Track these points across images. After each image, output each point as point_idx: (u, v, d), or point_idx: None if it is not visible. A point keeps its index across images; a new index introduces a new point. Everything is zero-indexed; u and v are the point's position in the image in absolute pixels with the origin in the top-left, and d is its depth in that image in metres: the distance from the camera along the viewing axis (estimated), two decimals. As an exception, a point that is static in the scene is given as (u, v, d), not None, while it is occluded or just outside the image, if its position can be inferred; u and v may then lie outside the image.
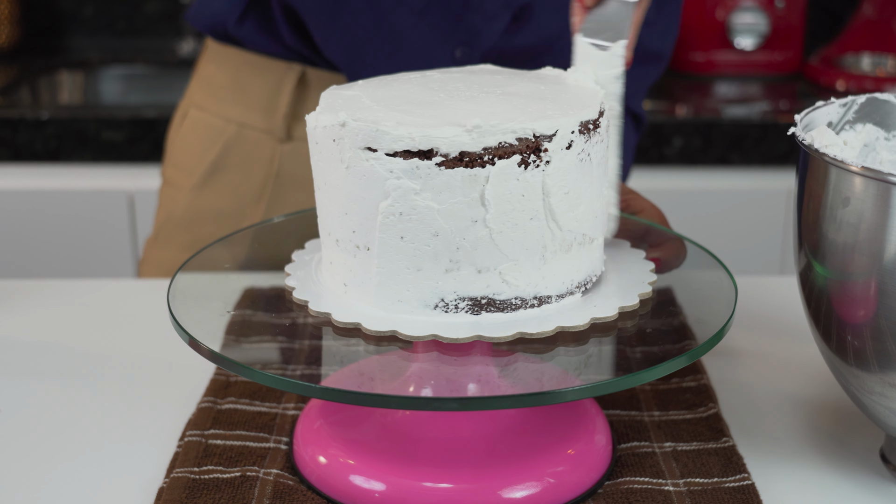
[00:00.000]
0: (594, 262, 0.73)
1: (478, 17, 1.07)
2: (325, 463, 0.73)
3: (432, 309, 0.69)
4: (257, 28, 1.13)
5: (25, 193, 1.87)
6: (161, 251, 1.23)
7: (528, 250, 0.68)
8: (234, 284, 0.92)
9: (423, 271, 0.68)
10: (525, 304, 0.69)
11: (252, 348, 0.85)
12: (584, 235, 0.70)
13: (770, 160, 1.87)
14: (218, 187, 1.18)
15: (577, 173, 0.68)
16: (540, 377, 0.74)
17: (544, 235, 0.68)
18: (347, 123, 0.67)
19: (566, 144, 0.67)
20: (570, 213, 0.69)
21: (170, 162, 1.25)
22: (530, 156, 0.66)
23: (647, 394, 0.84)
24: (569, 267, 0.70)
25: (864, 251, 0.66)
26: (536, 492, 0.71)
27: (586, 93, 0.72)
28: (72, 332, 0.97)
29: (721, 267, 0.79)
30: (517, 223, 0.67)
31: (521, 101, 0.70)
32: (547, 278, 0.70)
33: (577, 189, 0.68)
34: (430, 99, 0.70)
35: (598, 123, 0.69)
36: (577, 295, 0.72)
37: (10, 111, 1.85)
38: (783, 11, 2.15)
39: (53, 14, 2.37)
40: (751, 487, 0.73)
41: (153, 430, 0.81)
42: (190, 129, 1.22)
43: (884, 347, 0.67)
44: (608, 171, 0.74)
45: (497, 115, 0.66)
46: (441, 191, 0.65)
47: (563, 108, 0.69)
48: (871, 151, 0.77)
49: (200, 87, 1.22)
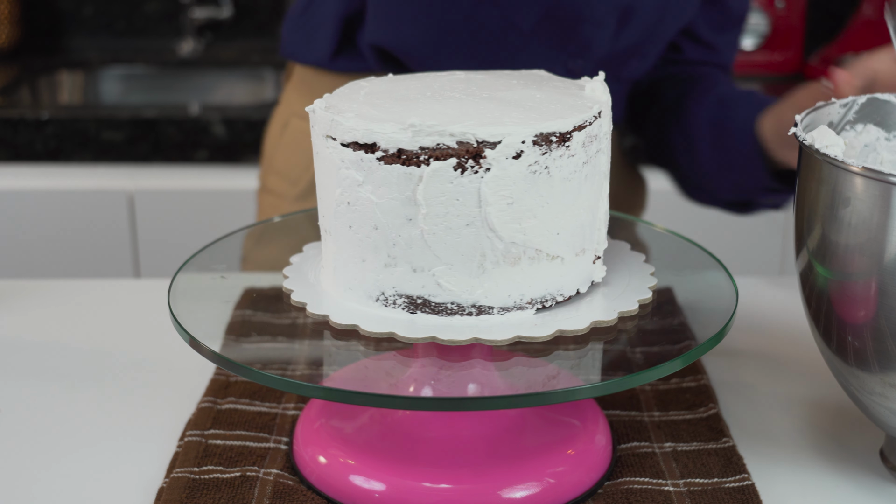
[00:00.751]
0: (558, 280, 0.70)
1: (589, 26, 1.04)
2: (325, 463, 0.73)
3: (374, 301, 0.70)
4: (352, 60, 1.12)
5: (25, 193, 1.87)
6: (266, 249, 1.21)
7: (464, 256, 0.67)
8: (234, 284, 0.92)
9: (366, 262, 0.69)
10: (462, 311, 0.68)
11: (252, 348, 0.85)
12: (537, 251, 0.68)
13: (770, 160, 1.86)
14: None
15: (527, 185, 0.66)
16: (540, 377, 0.74)
17: (482, 244, 0.67)
18: (317, 111, 0.69)
19: (513, 154, 0.65)
20: (515, 225, 0.66)
21: (271, 169, 1.24)
22: (468, 161, 0.65)
23: (648, 394, 0.84)
24: (517, 280, 0.68)
25: (864, 251, 0.66)
26: (536, 492, 0.71)
27: (580, 106, 0.69)
28: (72, 332, 0.97)
29: (721, 267, 0.79)
30: (451, 227, 0.66)
31: (496, 105, 0.69)
32: (487, 288, 0.68)
33: (525, 201, 0.66)
34: (413, 97, 0.71)
35: (567, 137, 0.66)
36: (529, 311, 0.69)
37: (10, 111, 1.85)
38: (783, 12, 2.15)
39: (53, 14, 2.37)
40: (751, 488, 0.73)
41: (153, 430, 0.81)
42: (292, 138, 1.21)
43: (884, 348, 0.67)
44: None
45: (444, 117, 0.66)
46: (380, 185, 0.66)
47: (531, 117, 0.66)
48: (871, 152, 0.77)
49: (300, 96, 1.20)
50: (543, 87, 0.73)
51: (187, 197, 1.88)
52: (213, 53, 2.35)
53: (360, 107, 0.69)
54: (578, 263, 0.71)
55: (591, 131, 0.68)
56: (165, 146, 1.85)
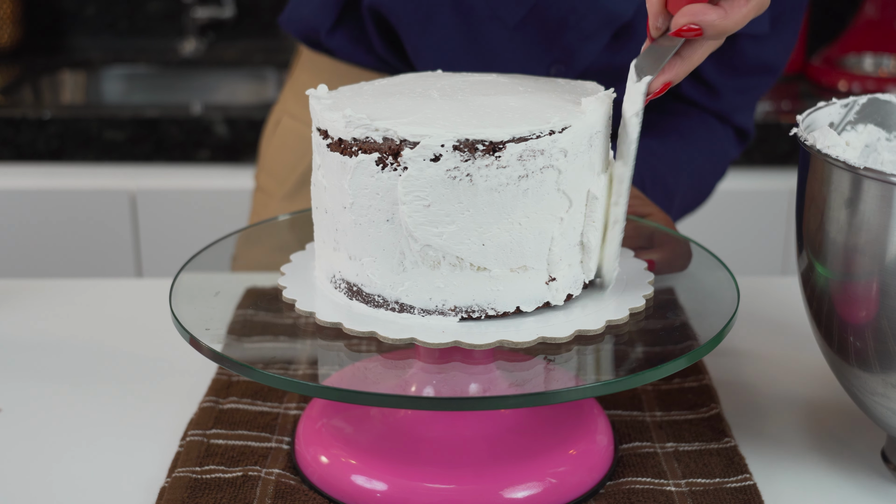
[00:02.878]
0: (488, 293, 0.68)
1: (574, 35, 1.03)
2: (326, 463, 0.73)
3: (328, 282, 0.72)
4: (349, 39, 1.11)
5: (27, 193, 1.87)
6: (255, 248, 1.22)
7: (385, 251, 0.68)
8: (235, 284, 0.92)
9: (325, 244, 0.72)
10: (387, 305, 0.69)
11: (254, 348, 0.85)
12: (458, 258, 0.67)
13: (772, 161, 1.86)
14: (308, 198, 1.17)
15: (445, 190, 0.65)
16: (540, 375, 0.74)
17: (400, 241, 0.67)
18: (310, 100, 0.72)
19: (431, 156, 0.65)
20: (432, 229, 0.66)
21: (263, 168, 1.24)
22: (388, 157, 0.66)
23: (649, 394, 0.84)
24: (438, 284, 0.68)
25: (865, 252, 0.66)
26: (538, 492, 0.71)
27: (540, 119, 0.67)
28: (74, 332, 0.97)
29: (723, 267, 0.79)
30: (374, 220, 0.67)
31: (461, 108, 0.68)
32: (408, 287, 0.68)
33: (443, 206, 0.66)
34: (400, 92, 0.72)
35: (499, 147, 0.65)
36: (452, 318, 0.68)
37: (13, 111, 1.86)
38: (785, 12, 2.14)
39: (55, 13, 2.37)
40: (752, 488, 0.73)
41: (155, 430, 0.81)
42: (282, 137, 1.21)
43: (885, 348, 0.67)
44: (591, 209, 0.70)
45: (385, 112, 0.67)
46: (327, 171, 0.69)
47: (471, 123, 0.66)
48: (872, 152, 0.77)
49: (294, 95, 1.21)
50: (538, 96, 0.71)
51: (189, 196, 1.88)
52: (215, 53, 2.35)
53: (343, 96, 0.72)
54: (517, 281, 0.68)
55: (536, 146, 0.65)
56: (167, 146, 1.85)
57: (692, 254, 0.82)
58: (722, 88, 1.11)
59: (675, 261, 0.82)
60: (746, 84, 1.12)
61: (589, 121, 0.68)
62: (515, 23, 1.03)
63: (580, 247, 0.70)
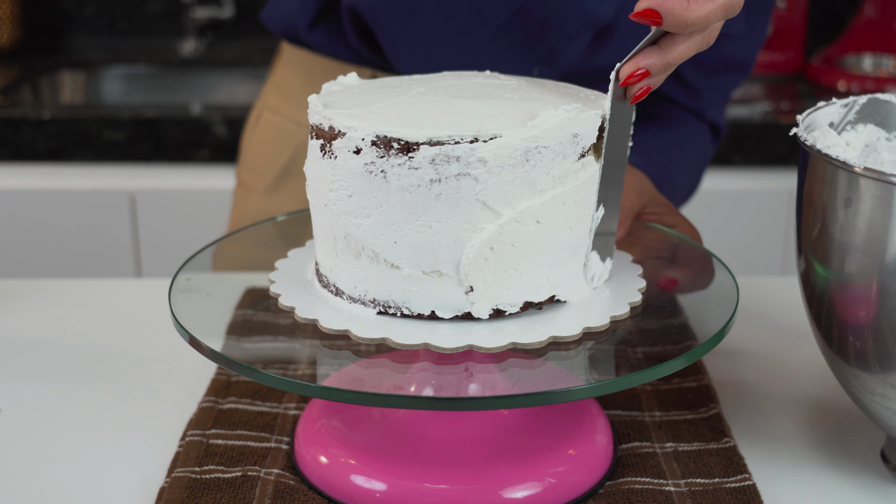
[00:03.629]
0: (401, 292, 0.68)
1: (557, 36, 1.04)
2: (326, 463, 0.73)
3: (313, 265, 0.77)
4: (328, 35, 1.12)
5: (27, 193, 1.87)
6: (235, 246, 1.22)
7: (324, 234, 0.71)
8: (236, 284, 0.92)
9: None
10: (328, 286, 0.73)
11: (253, 348, 0.85)
12: (374, 252, 0.68)
13: (771, 161, 1.87)
14: (288, 191, 1.18)
15: (363, 183, 0.66)
16: (540, 375, 0.74)
17: (333, 227, 0.70)
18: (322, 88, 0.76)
19: (353, 148, 0.66)
20: (352, 219, 0.68)
21: (243, 163, 1.25)
22: (327, 145, 0.68)
23: (649, 394, 0.84)
24: (360, 274, 0.69)
25: (865, 252, 0.66)
26: (537, 492, 0.71)
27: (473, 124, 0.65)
28: (73, 332, 0.97)
29: (722, 267, 0.79)
30: (317, 203, 0.71)
31: (414, 105, 0.69)
32: (339, 273, 0.71)
33: (361, 199, 0.67)
34: (383, 87, 0.74)
35: (412, 148, 0.65)
36: (371, 310, 0.69)
37: (12, 111, 1.86)
38: (784, 12, 2.15)
39: (55, 14, 2.37)
40: (752, 488, 0.73)
41: (154, 430, 0.81)
42: (263, 132, 1.22)
43: (885, 348, 0.67)
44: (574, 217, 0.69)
45: (342, 103, 0.70)
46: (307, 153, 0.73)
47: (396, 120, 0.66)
48: (872, 152, 0.77)
49: (275, 90, 1.22)
50: (512, 104, 0.70)
51: (189, 197, 1.88)
52: (214, 53, 2.35)
53: (349, 90, 0.74)
54: (432, 284, 0.68)
55: (451, 151, 0.64)
56: (167, 146, 1.85)
57: (714, 271, 0.81)
58: (701, 87, 1.12)
59: (697, 280, 0.81)
60: (721, 81, 1.13)
61: (528, 135, 0.65)
62: (500, 23, 1.03)
63: (512, 266, 0.68)
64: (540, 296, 0.70)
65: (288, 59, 1.20)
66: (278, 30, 1.16)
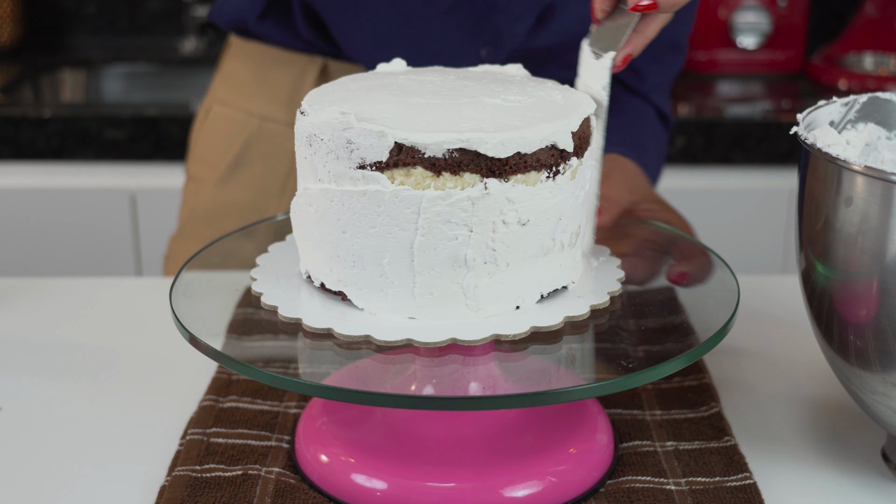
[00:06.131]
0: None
1: (503, 17, 1.06)
2: (326, 461, 0.73)
3: None
4: (278, 26, 1.14)
5: (27, 192, 1.87)
6: (186, 245, 1.23)
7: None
8: (236, 283, 0.92)
9: None
10: (313, 282, 0.75)
11: (254, 346, 0.85)
12: None
13: (772, 159, 1.86)
14: (241, 181, 1.19)
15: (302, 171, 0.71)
16: (541, 375, 0.74)
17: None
18: None
19: (304, 137, 0.70)
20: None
21: (193, 158, 1.26)
22: (305, 137, 0.70)
23: (649, 393, 0.84)
24: None
25: (866, 250, 0.66)
26: (538, 490, 0.71)
27: (455, 116, 0.68)
28: (73, 331, 0.97)
29: (724, 266, 0.79)
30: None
31: (410, 102, 0.70)
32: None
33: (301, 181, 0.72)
34: (375, 83, 0.75)
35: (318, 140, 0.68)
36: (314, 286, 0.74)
37: (13, 109, 1.86)
38: (785, 10, 2.14)
39: (55, 12, 2.37)
40: (752, 486, 0.73)
41: (155, 429, 0.81)
42: (213, 124, 1.23)
43: (885, 347, 0.67)
44: None
45: (320, 98, 0.72)
46: None
47: (379, 118, 0.67)
48: (872, 151, 0.77)
49: (224, 83, 1.23)
50: (497, 93, 0.72)
51: (189, 195, 1.88)
52: (214, 52, 2.35)
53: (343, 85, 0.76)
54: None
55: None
56: (167, 144, 1.85)
57: (713, 265, 0.82)
58: (645, 72, 1.14)
59: (701, 273, 0.82)
60: (662, 66, 1.15)
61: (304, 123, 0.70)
62: (447, 6, 1.05)
63: None
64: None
65: (237, 52, 1.22)
66: (228, 24, 1.18)
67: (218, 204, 1.20)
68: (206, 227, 1.21)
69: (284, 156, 1.17)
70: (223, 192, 1.20)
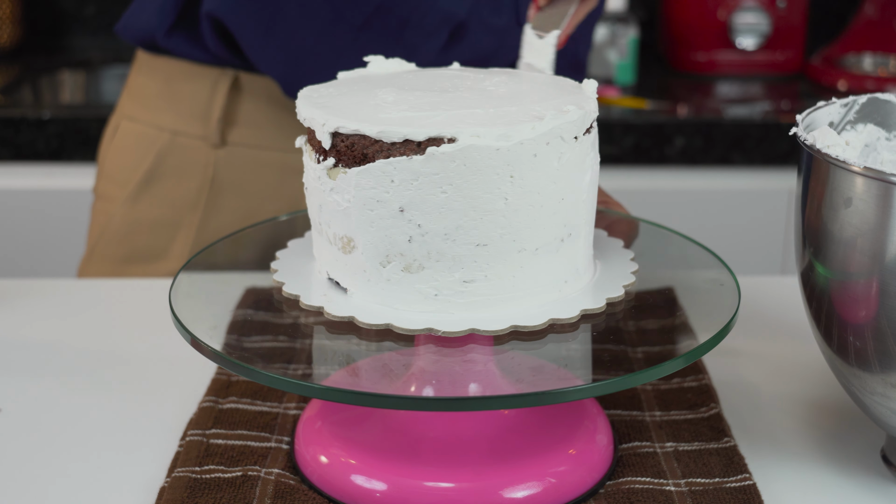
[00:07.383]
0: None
1: (416, 33, 1.07)
2: (326, 462, 0.73)
3: None
4: (186, 40, 1.13)
5: (27, 193, 1.87)
6: (97, 266, 1.22)
7: None
8: (236, 284, 0.92)
9: None
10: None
11: (254, 348, 0.85)
12: None
13: (771, 160, 1.86)
14: (153, 197, 1.18)
15: None
16: (540, 375, 0.74)
17: None
18: None
19: None
20: None
21: (102, 176, 1.24)
22: None
23: (649, 394, 0.84)
24: None
25: (865, 251, 0.66)
26: (538, 491, 0.71)
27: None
28: (73, 332, 0.97)
29: (723, 266, 0.79)
30: None
31: (403, 98, 0.71)
32: None
33: None
34: (381, 84, 0.76)
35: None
36: None
37: (12, 110, 1.86)
38: (785, 11, 2.14)
39: (55, 13, 2.37)
40: (752, 488, 0.73)
41: (154, 430, 0.81)
42: (122, 141, 1.21)
43: (885, 348, 0.67)
44: None
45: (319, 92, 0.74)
46: None
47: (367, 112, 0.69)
48: (872, 151, 0.77)
49: (131, 99, 1.22)
50: (483, 85, 0.74)
51: (189, 196, 1.88)
52: (214, 53, 2.35)
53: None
54: None
55: None
56: (167, 146, 1.85)
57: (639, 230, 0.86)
58: None
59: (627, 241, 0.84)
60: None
61: None
62: (360, 23, 1.06)
63: None
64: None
65: (144, 67, 1.20)
66: (135, 39, 1.17)
67: (129, 221, 1.19)
68: (117, 247, 1.20)
69: (197, 169, 1.16)
70: (134, 209, 1.19)
